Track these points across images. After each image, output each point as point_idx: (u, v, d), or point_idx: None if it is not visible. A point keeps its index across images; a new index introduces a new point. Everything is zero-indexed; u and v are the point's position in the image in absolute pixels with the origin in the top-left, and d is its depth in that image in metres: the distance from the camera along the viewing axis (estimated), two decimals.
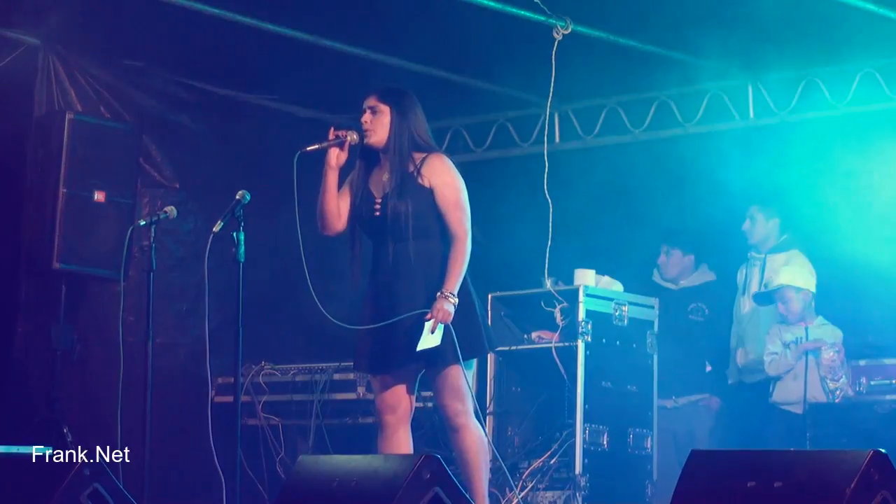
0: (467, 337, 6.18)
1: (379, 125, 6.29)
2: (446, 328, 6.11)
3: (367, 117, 6.31)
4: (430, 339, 6.09)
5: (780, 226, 8.66)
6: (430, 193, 6.24)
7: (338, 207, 6.35)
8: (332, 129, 6.35)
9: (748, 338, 8.62)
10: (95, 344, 8.26)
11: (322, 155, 6.33)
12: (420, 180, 6.24)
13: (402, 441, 6.30)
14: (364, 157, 6.37)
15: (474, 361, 6.36)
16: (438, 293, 6.12)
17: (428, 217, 6.23)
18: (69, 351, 7.98)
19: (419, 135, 6.31)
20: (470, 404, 6.25)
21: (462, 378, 6.21)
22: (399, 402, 6.30)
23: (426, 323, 6.09)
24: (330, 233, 6.41)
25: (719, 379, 8.87)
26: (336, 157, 6.31)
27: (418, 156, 6.28)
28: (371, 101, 6.33)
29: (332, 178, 6.32)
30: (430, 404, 7.68)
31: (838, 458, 4.56)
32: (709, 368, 8.97)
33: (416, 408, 6.45)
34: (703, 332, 8.91)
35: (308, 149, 6.32)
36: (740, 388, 8.66)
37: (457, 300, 6.13)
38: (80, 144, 7.95)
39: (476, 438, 6.26)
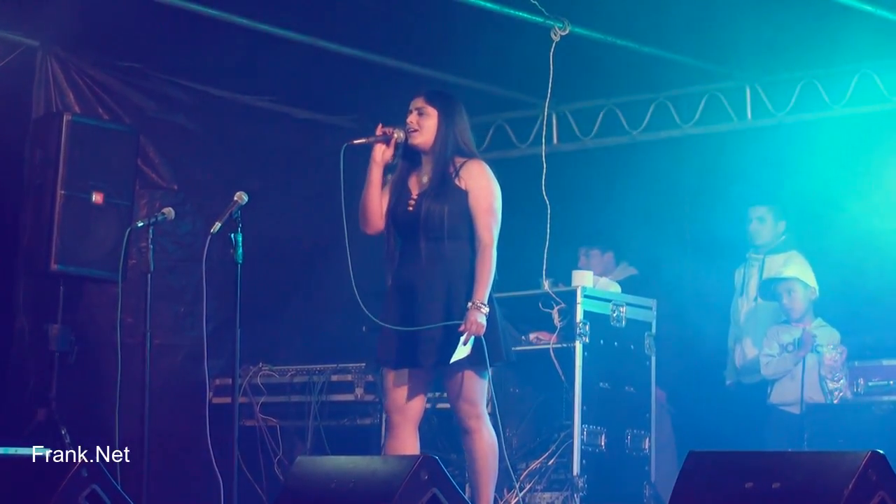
0: (489, 343, 6.15)
1: (425, 127, 6.29)
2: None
3: (413, 118, 6.31)
4: (462, 350, 6.09)
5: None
6: (465, 196, 6.23)
7: (380, 205, 6.33)
8: (381, 125, 6.34)
9: (747, 338, 8.61)
10: (93, 345, 8.25)
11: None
12: (457, 182, 6.25)
13: (407, 444, 6.27)
14: (406, 158, 6.37)
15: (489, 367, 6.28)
16: (469, 303, 6.11)
17: (459, 219, 6.22)
18: (67, 352, 7.96)
19: (463, 140, 6.33)
20: (483, 408, 6.25)
21: (479, 382, 6.22)
22: (408, 404, 6.27)
23: (461, 336, 6.07)
24: (370, 230, 6.37)
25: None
26: (381, 153, 6.29)
27: (459, 160, 6.30)
28: (418, 103, 6.33)
29: (376, 173, 6.30)
30: (427, 405, 7.65)
31: (836, 459, 4.57)
32: None
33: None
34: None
35: (355, 142, 6.31)
36: (738, 388, 8.65)
37: (488, 309, 6.12)
38: (78, 146, 7.94)
39: (487, 443, 6.26)
